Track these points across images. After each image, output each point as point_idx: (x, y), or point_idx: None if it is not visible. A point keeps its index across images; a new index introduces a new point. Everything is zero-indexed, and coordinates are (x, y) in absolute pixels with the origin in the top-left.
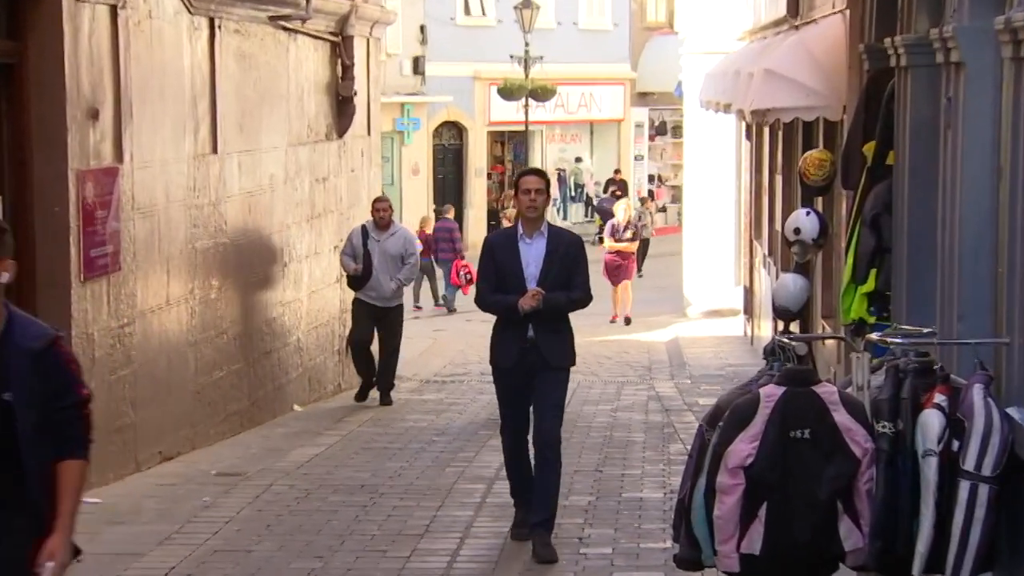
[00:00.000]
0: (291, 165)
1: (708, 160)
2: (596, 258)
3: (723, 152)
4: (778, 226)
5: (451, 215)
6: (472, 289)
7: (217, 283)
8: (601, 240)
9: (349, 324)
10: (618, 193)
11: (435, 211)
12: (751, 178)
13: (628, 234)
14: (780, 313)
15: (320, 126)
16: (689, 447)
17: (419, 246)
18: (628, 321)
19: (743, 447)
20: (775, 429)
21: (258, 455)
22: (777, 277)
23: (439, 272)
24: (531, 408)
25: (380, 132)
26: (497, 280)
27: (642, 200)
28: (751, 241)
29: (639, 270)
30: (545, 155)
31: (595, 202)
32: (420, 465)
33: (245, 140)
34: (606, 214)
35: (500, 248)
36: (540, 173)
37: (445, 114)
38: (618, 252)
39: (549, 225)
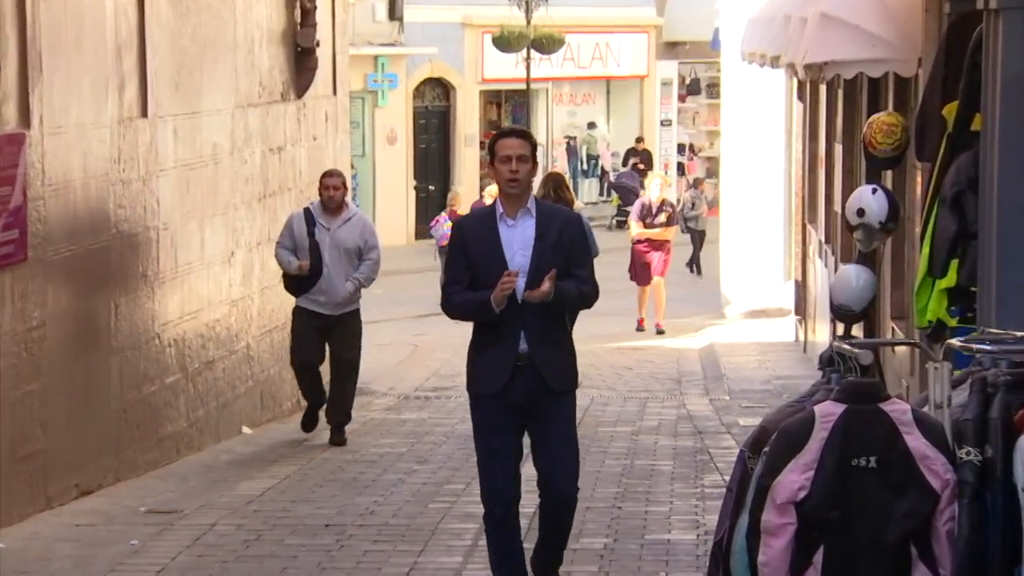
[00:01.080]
0: (239, 132)
1: (751, 126)
2: (613, 246)
3: (769, 116)
4: (838, 207)
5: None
6: None
7: (148, 277)
8: (619, 224)
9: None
10: (641, 166)
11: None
12: (804, 148)
13: (662, 217)
14: (840, 313)
15: (274, 84)
16: (728, 478)
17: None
18: (660, 331)
19: (794, 478)
20: (834, 456)
21: (198, 488)
22: (836, 270)
23: None
24: (523, 457)
25: (348, 91)
26: (473, 278)
27: (696, 181)
28: (804, 225)
29: (698, 268)
30: (551, 120)
31: (612, 177)
32: (397, 500)
33: (182, 101)
34: (626, 192)
35: (473, 234)
36: (523, 134)
37: (428, 69)
38: (648, 241)
39: (537, 201)
